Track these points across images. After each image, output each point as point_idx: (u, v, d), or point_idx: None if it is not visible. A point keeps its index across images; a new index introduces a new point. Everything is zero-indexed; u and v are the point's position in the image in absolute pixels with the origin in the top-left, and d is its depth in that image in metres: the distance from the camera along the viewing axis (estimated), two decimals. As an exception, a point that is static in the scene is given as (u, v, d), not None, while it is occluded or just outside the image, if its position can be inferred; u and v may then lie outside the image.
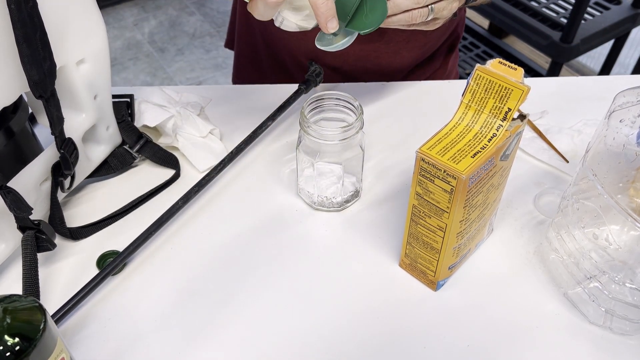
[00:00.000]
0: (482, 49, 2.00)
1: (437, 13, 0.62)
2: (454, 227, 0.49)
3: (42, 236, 0.55)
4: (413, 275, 0.57)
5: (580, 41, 1.61)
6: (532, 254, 0.60)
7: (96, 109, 0.62)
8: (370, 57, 0.83)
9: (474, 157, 0.46)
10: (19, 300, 0.41)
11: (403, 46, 0.82)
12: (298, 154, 0.61)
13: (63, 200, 0.65)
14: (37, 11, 0.48)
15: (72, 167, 0.59)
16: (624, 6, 1.74)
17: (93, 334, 0.53)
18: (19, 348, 0.38)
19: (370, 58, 0.83)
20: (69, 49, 0.55)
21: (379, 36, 0.80)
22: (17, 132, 0.61)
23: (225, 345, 0.52)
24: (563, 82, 0.83)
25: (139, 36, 2.58)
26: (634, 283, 0.49)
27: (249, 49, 0.94)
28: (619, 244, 0.49)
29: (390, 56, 0.83)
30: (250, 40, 0.92)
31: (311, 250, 0.60)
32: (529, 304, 0.55)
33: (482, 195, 0.50)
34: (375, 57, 0.83)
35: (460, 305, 0.55)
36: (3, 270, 0.58)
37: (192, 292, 0.56)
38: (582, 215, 0.51)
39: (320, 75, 0.80)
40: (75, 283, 0.57)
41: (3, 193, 0.51)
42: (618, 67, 2.14)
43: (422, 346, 0.52)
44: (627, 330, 0.52)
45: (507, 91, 0.46)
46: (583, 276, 0.52)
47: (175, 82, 2.33)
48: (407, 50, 0.83)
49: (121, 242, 0.59)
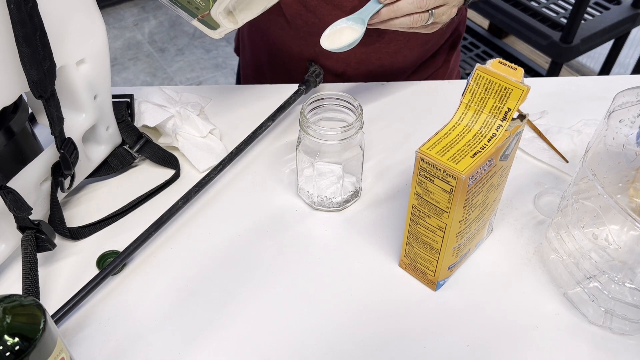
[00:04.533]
0: (482, 49, 2.00)
1: (436, 17, 0.63)
2: (454, 227, 0.49)
3: (42, 236, 0.55)
4: (413, 275, 0.57)
5: (580, 41, 1.61)
6: (532, 254, 0.60)
7: (96, 109, 0.62)
8: (372, 58, 0.83)
9: (473, 157, 0.46)
10: (19, 300, 0.41)
11: (404, 45, 0.82)
12: (298, 154, 0.61)
13: (63, 200, 0.65)
14: (36, 11, 0.48)
15: (72, 167, 0.59)
16: (624, 6, 1.74)
17: (93, 334, 0.53)
18: (19, 348, 0.38)
19: (372, 60, 0.83)
20: (69, 49, 0.55)
21: (378, 37, 0.80)
22: (17, 132, 0.61)
23: (225, 345, 0.52)
24: (563, 82, 0.83)
25: (139, 36, 2.58)
26: (634, 283, 0.49)
27: (251, 52, 0.94)
28: (619, 244, 0.49)
29: (392, 56, 0.83)
30: (253, 43, 0.92)
31: (311, 250, 0.60)
32: (528, 304, 0.55)
33: (482, 195, 0.50)
34: (377, 59, 0.83)
35: (460, 305, 0.55)
36: (3, 270, 0.58)
37: (192, 292, 0.56)
38: (581, 215, 0.51)
39: (320, 75, 0.80)
40: (75, 283, 0.57)
41: (3, 193, 0.51)
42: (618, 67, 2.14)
43: (422, 346, 0.52)
44: (627, 330, 0.52)
45: (507, 91, 0.46)
46: (583, 276, 0.52)
47: (176, 82, 2.33)
48: (409, 49, 0.83)
49: (121, 242, 0.59)
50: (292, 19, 0.81)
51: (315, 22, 0.80)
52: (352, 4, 0.78)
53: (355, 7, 0.78)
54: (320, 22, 0.80)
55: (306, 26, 0.80)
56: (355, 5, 0.78)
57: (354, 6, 0.78)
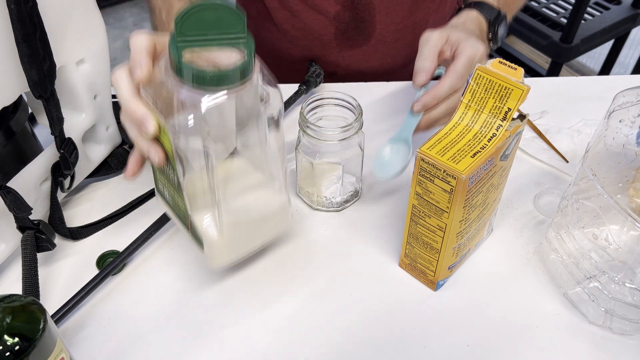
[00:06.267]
0: (482, 49, 2.00)
1: None
2: (454, 227, 0.49)
3: (42, 236, 0.55)
4: (413, 275, 0.57)
5: (580, 41, 1.61)
6: (532, 254, 0.60)
7: (96, 109, 0.62)
8: (361, 60, 0.84)
9: (473, 157, 0.46)
10: (19, 300, 0.41)
11: (392, 46, 0.82)
12: (297, 154, 0.61)
13: (63, 200, 0.65)
14: (36, 11, 0.48)
15: (72, 167, 0.59)
16: (624, 6, 1.74)
17: (93, 334, 0.53)
18: (19, 348, 0.38)
19: (361, 61, 0.84)
20: (68, 49, 0.55)
21: (364, 40, 0.80)
22: (17, 132, 0.61)
23: (225, 345, 0.52)
24: (563, 82, 0.83)
25: (139, 36, 2.58)
26: (634, 283, 0.49)
27: None
28: (619, 244, 0.49)
29: (381, 57, 0.84)
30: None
31: (311, 250, 0.60)
32: (528, 304, 0.55)
33: (482, 195, 0.50)
34: (366, 60, 0.84)
35: (460, 305, 0.55)
36: (3, 270, 0.58)
37: (192, 292, 0.56)
38: (581, 215, 0.51)
39: (321, 76, 0.80)
40: (75, 283, 0.57)
41: (3, 193, 0.51)
42: (618, 67, 2.14)
43: (422, 346, 0.52)
44: (627, 330, 0.52)
45: (507, 91, 0.46)
46: (583, 276, 0.52)
47: (175, 82, 2.32)
48: (397, 50, 0.83)
49: (121, 242, 0.59)
50: (280, 23, 0.82)
51: (302, 27, 0.81)
52: (334, 10, 0.78)
53: (338, 13, 0.79)
54: (306, 27, 0.81)
55: (294, 30, 0.81)
56: (337, 10, 0.79)
57: (337, 12, 0.79)
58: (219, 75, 0.39)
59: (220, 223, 0.47)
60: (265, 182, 0.51)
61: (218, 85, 0.39)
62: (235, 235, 0.48)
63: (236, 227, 0.48)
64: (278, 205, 0.51)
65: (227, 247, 0.49)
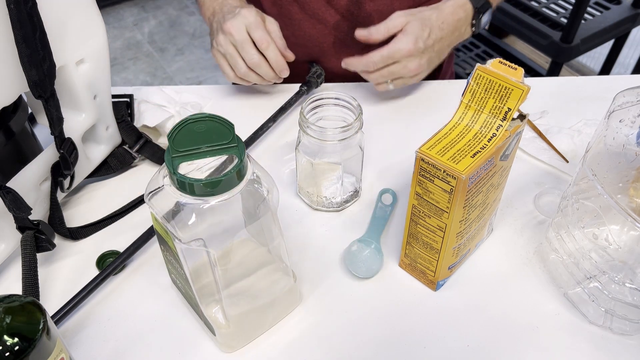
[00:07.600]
0: (482, 49, 2.00)
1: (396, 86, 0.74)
2: (454, 227, 0.49)
3: (42, 236, 0.55)
4: (413, 275, 0.57)
5: (580, 41, 1.61)
6: (532, 254, 0.59)
7: (96, 109, 0.62)
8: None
9: (473, 157, 0.46)
10: (19, 300, 0.41)
11: None
12: (297, 154, 0.61)
13: (63, 200, 0.65)
14: (36, 11, 0.48)
15: (72, 167, 0.59)
16: (624, 6, 1.74)
17: (93, 334, 0.53)
18: (19, 348, 0.38)
19: None
20: (68, 49, 0.55)
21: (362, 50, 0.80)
22: (17, 132, 0.61)
23: (225, 345, 0.52)
24: (563, 82, 0.83)
25: (139, 36, 2.58)
26: (634, 283, 0.49)
27: None
28: (619, 244, 0.49)
29: None
30: None
31: (311, 250, 0.60)
32: (529, 304, 0.55)
33: (482, 195, 0.50)
34: None
35: (460, 305, 0.55)
36: (3, 270, 0.58)
37: (191, 292, 0.56)
38: (582, 215, 0.51)
39: (322, 76, 0.80)
40: (75, 283, 0.57)
41: (3, 193, 0.51)
42: (618, 67, 2.14)
43: (422, 346, 0.52)
44: (627, 330, 0.52)
45: (507, 91, 0.46)
46: (583, 276, 0.52)
47: (175, 82, 2.33)
48: None
49: (121, 242, 0.59)
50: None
51: (301, 34, 0.81)
52: (334, 19, 0.79)
53: (337, 23, 0.79)
54: (306, 35, 0.81)
55: (293, 37, 0.81)
56: (337, 20, 0.79)
57: (336, 21, 0.79)
58: (213, 183, 0.40)
59: (228, 316, 0.49)
60: (271, 264, 0.52)
61: (214, 191, 0.40)
62: (244, 324, 0.51)
63: (245, 317, 0.50)
64: (286, 288, 0.52)
65: (237, 335, 0.51)
